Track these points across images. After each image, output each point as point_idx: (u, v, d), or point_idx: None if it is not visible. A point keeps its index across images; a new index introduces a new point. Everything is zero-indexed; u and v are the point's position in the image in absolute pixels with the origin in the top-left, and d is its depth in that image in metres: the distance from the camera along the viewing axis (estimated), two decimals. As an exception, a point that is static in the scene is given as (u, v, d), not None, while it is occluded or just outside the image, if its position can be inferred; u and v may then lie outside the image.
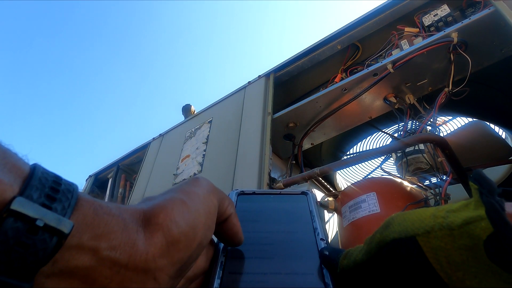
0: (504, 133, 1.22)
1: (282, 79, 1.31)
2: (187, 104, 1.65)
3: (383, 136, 1.31)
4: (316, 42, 1.23)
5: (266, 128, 1.10)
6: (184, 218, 0.20)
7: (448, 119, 1.22)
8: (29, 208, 0.15)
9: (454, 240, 0.18)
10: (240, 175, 1.03)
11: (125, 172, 1.79)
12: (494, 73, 1.08)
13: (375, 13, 1.12)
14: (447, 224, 0.18)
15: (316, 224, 0.30)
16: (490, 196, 0.17)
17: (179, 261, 0.20)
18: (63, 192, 0.16)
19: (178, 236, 0.19)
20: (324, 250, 0.26)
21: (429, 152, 0.95)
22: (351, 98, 1.05)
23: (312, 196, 0.34)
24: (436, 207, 0.20)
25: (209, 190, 0.24)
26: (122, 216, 0.19)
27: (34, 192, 0.15)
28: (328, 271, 0.24)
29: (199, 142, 1.34)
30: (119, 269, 0.17)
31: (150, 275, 0.18)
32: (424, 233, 0.19)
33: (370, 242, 0.22)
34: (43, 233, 0.15)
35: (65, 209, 0.16)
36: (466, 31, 0.87)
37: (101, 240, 0.17)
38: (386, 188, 0.85)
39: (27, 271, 0.14)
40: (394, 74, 0.97)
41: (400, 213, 0.22)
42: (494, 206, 0.17)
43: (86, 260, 0.16)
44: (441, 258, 0.18)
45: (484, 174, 0.19)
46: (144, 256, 0.18)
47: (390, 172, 1.06)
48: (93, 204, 0.18)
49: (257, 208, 0.33)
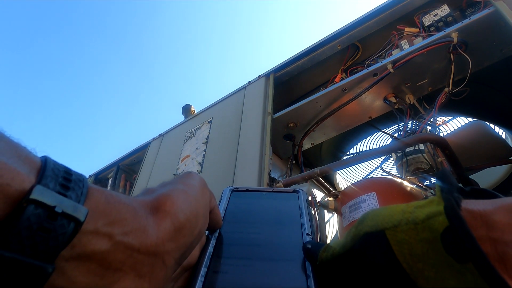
0: (504, 133, 1.22)
1: (282, 79, 1.31)
2: (187, 104, 1.65)
3: (383, 136, 1.31)
4: (316, 42, 1.23)
5: (266, 128, 1.10)
6: (188, 206, 0.22)
7: (448, 119, 1.22)
8: (48, 196, 0.16)
9: (417, 233, 0.19)
10: (240, 175, 1.03)
11: (125, 172, 1.79)
12: (494, 73, 1.08)
13: (375, 13, 1.12)
14: (413, 219, 0.20)
15: (303, 220, 0.31)
16: (448, 193, 0.19)
17: (184, 245, 0.21)
18: (75, 181, 0.18)
19: (184, 222, 0.21)
20: (307, 244, 0.27)
21: (429, 152, 0.95)
22: (351, 98, 1.05)
23: (303, 195, 0.36)
24: (407, 203, 0.22)
25: (201, 183, 0.26)
26: (132, 204, 0.20)
27: (49, 181, 0.16)
28: (310, 264, 0.25)
29: (199, 142, 1.34)
30: (131, 252, 0.18)
31: (159, 258, 0.20)
32: (392, 227, 0.20)
33: (347, 236, 0.23)
34: (61, 219, 0.16)
35: (79, 197, 0.17)
36: (466, 31, 0.87)
37: (115, 226, 0.18)
38: (386, 188, 0.85)
39: (50, 254, 0.16)
40: (394, 74, 0.97)
41: (375, 208, 0.23)
42: (450, 202, 0.18)
43: (102, 245, 0.17)
44: (405, 251, 0.19)
45: (448, 173, 0.21)
46: (154, 241, 0.19)
47: (390, 172, 1.06)
48: (103, 193, 0.19)
49: (249, 203, 0.35)
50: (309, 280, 0.24)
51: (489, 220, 0.18)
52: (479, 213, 0.18)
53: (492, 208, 0.19)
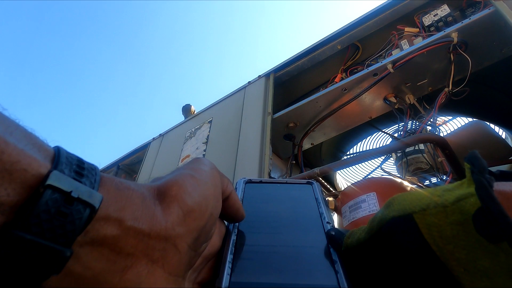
0: (504, 133, 1.22)
1: (282, 79, 1.31)
2: (187, 104, 1.65)
3: (383, 136, 1.31)
4: (316, 42, 1.23)
5: (266, 128, 1.10)
6: (195, 190, 0.22)
7: (448, 119, 1.22)
8: (64, 181, 0.16)
9: (447, 216, 0.19)
10: (240, 175, 1.03)
11: (125, 172, 1.79)
12: (494, 73, 1.08)
13: (375, 13, 1.12)
14: (442, 202, 0.20)
15: (322, 210, 0.31)
16: (479, 174, 0.19)
17: (196, 229, 0.21)
18: (88, 169, 0.18)
19: (192, 206, 0.21)
20: (331, 231, 0.27)
21: (429, 152, 0.95)
22: (351, 98, 1.06)
23: (318, 186, 0.36)
24: (434, 187, 0.22)
25: (211, 166, 0.26)
26: (140, 190, 0.20)
27: (64, 168, 0.17)
28: (335, 250, 0.25)
29: (199, 142, 1.34)
30: (142, 237, 0.19)
31: (170, 242, 0.20)
32: (420, 210, 0.20)
33: (372, 221, 0.23)
34: (77, 204, 0.16)
35: (93, 184, 0.17)
36: (466, 31, 0.87)
37: (125, 212, 0.18)
38: (386, 188, 0.85)
39: (68, 238, 0.16)
40: (394, 74, 0.97)
41: (401, 193, 0.23)
42: (482, 183, 0.18)
43: (113, 230, 0.18)
44: (434, 233, 0.19)
45: (478, 154, 0.20)
46: (164, 225, 0.19)
47: (390, 172, 1.06)
48: (114, 180, 0.19)
49: (265, 194, 0.35)
50: (336, 265, 0.24)
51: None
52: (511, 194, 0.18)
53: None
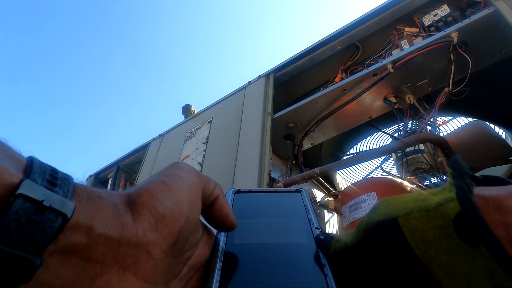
0: (504, 133, 1.22)
1: (282, 79, 1.31)
2: (187, 104, 1.65)
3: (383, 136, 1.31)
4: (316, 42, 1.23)
5: (266, 128, 1.10)
6: (166, 195, 0.22)
7: (448, 119, 1.22)
8: (36, 190, 0.16)
9: (430, 220, 0.19)
10: (240, 175, 1.03)
11: (125, 172, 1.79)
12: (494, 73, 1.08)
13: (375, 13, 1.12)
14: (425, 206, 0.20)
15: (310, 216, 0.32)
16: (460, 179, 0.19)
17: (170, 234, 0.21)
18: (61, 179, 0.18)
19: (163, 212, 0.21)
20: (320, 235, 0.27)
21: (429, 152, 0.95)
22: (351, 98, 1.06)
23: (306, 194, 0.36)
24: (419, 192, 0.22)
25: (189, 170, 0.25)
26: (111, 198, 0.20)
27: (37, 177, 0.17)
28: (323, 254, 0.26)
29: (199, 142, 1.34)
30: (112, 244, 0.19)
31: (142, 249, 0.20)
32: (404, 214, 0.20)
33: (359, 225, 0.24)
34: (49, 213, 0.16)
35: (66, 193, 0.17)
36: (466, 31, 0.87)
37: (95, 219, 0.18)
38: (386, 188, 0.85)
39: (38, 247, 0.16)
40: (394, 74, 0.97)
41: (387, 198, 0.23)
42: (462, 187, 0.19)
43: (83, 238, 0.18)
44: (417, 237, 0.19)
45: (460, 160, 0.21)
46: (134, 232, 0.19)
47: (390, 172, 1.06)
48: (86, 190, 0.19)
49: (254, 203, 0.35)
50: (325, 268, 0.24)
51: (502, 205, 0.18)
52: (491, 199, 0.19)
53: (505, 194, 0.19)
